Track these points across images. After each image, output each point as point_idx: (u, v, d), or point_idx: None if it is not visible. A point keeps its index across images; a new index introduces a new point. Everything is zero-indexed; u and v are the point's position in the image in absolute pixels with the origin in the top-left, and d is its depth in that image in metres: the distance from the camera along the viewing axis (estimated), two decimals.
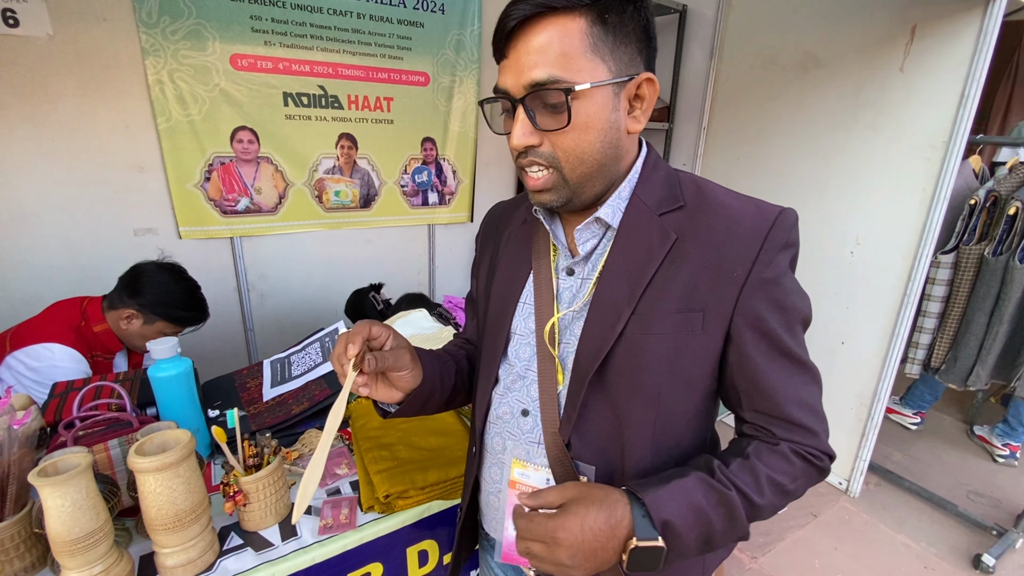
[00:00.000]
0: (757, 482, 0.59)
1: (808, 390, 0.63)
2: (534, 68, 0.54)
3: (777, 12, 2.28)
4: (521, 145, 0.59)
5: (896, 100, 1.94)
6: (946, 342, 1.99)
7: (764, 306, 0.59)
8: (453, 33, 2.47)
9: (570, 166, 0.59)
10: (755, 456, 0.61)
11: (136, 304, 1.44)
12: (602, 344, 0.61)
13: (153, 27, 1.86)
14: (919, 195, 1.91)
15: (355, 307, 2.12)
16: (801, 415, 0.61)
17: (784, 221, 0.60)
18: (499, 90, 0.59)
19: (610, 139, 0.59)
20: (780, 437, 0.62)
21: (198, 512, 0.78)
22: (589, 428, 0.65)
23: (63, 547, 0.68)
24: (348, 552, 0.90)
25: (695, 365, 0.62)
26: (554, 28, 0.54)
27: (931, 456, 2.58)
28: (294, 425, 1.16)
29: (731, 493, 0.57)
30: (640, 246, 0.62)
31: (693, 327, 0.60)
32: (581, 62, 0.54)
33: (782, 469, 0.60)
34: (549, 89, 0.55)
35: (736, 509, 0.57)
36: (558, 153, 0.59)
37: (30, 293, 1.92)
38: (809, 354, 0.64)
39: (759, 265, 0.58)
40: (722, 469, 0.60)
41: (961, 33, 1.75)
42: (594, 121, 0.57)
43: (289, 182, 2.29)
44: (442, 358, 0.81)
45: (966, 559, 1.95)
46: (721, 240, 0.59)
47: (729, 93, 2.56)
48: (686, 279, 0.60)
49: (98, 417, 0.95)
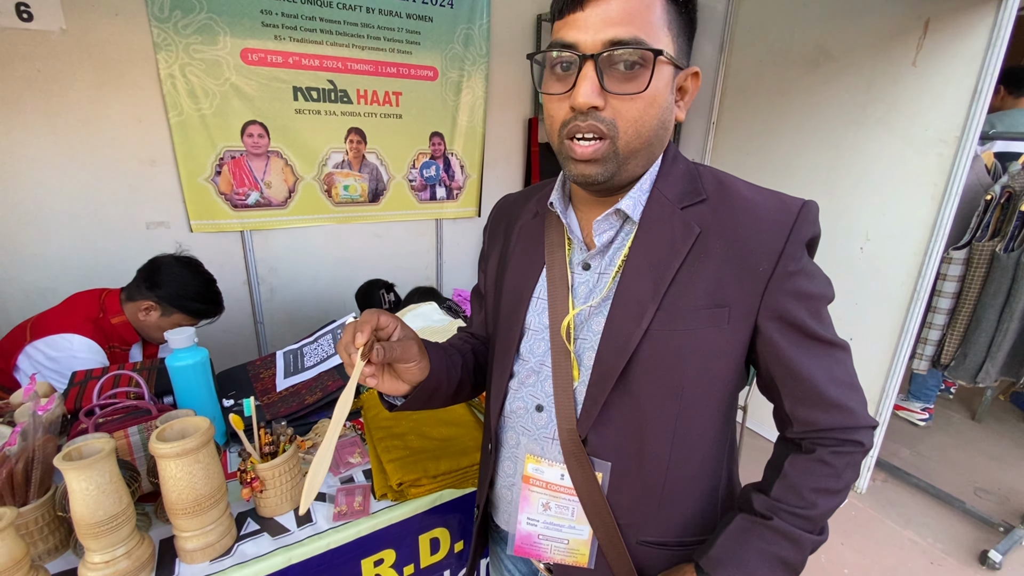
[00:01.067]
0: (802, 497, 0.62)
1: (840, 367, 0.63)
2: (618, 25, 0.52)
3: (788, 6, 2.26)
4: (586, 104, 0.54)
5: (908, 95, 1.92)
6: (956, 339, 1.98)
7: (790, 298, 0.59)
8: (462, 27, 2.47)
9: (627, 138, 0.56)
10: (793, 473, 0.63)
11: (155, 296, 1.46)
12: (627, 341, 0.60)
13: (165, 21, 1.87)
14: (930, 191, 1.90)
15: (365, 296, 2.14)
16: (839, 395, 0.62)
17: (808, 213, 0.60)
18: (564, 44, 0.55)
19: (665, 118, 0.59)
20: (820, 427, 0.62)
21: (216, 497, 0.80)
22: (608, 424, 0.64)
23: (87, 529, 0.70)
24: (362, 538, 0.91)
25: (720, 360, 0.62)
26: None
27: (938, 453, 2.57)
28: (307, 415, 1.17)
29: (775, 522, 0.61)
30: (663, 240, 0.61)
31: (719, 322, 0.60)
32: (660, 33, 0.54)
33: (824, 474, 0.62)
34: (634, 48, 0.52)
35: (789, 532, 0.61)
36: (620, 122, 0.56)
37: (43, 285, 1.95)
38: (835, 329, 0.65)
39: (784, 259, 0.58)
40: (762, 501, 0.64)
41: (975, 27, 1.74)
42: (660, 96, 0.56)
43: (299, 176, 2.30)
44: (448, 352, 0.79)
45: (973, 555, 1.94)
46: (747, 235, 0.59)
47: (739, 87, 2.54)
48: (712, 274, 0.59)
49: (117, 405, 0.97)
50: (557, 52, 0.56)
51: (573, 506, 0.69)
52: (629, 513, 0.67)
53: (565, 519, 0.70)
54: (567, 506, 0.69)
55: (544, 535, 0.71)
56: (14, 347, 1.38)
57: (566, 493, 0.69)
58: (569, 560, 0.71)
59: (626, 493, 0.66)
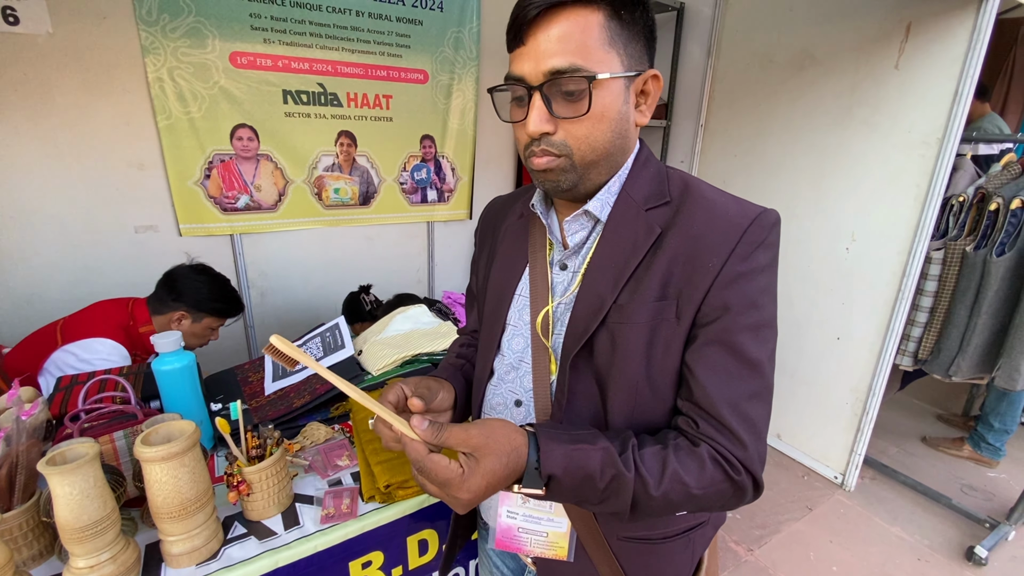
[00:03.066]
0: (662, 473, 0.57)
1: (751, 399, 0.59)
2: (555, 56, 0.56)
3: (774, 10, 2.29)
4: (537, 132, 0.59)
5: (891, 97, 1.95)
6: (933, 335, 2.03)
7: (733, 300, 0.58)
8: (452, 31, 2.48)
9: (581, 154, 0.61)
10: (673, 449, 0.59)
11: (184, 306, 1.56)
12: (584, 332, 0.63)
13: (153, 25, 1.87)
14: (914, 191, 1.93)
15: (350, 308, 2.15)
16: (732, 419, 0.58)
17: (764, 219, 0.60)
18: (513, 77, 0.60)
19: (620, 130, 0.61)
20: (703, 435, 0.59)
21: (203, 501, 0.80)
22: (578, 415, 0.66)
23: (71, 535, 0.70)
24: (350, 541, 0.91)
25: (668, 354, 0.61)
26: (574, 18, 0.56)
27: (925, 450, 2.60)
28: (296, 418, 1.17)
29: (628, 475, 0.56)
30: (626, 239, 0.63)
31: (668, 316, 0.60)
32: (599, 53, 0.57)
33: (692, 470, 0.57)
34: (570, 76, 0.56)
35: (625, 491, 0.56)
36: (571, 141, 0.60)
37: (30, 291, 1.94)
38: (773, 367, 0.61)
39: (734, 258, 0.58)
40: (635, 449, 0.58)
41: (955, 31, 1.77)
42: (608, 111, 0.59)
43: (289, 179, 2.30)
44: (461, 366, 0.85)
45: (959, 551, 1.97)
46: (700, 231, 0.60)
47: (726, 90, 2.57)
48: (664, 267, 0.61)
49: (103, 410, 0.97)
50: (509, 86, 0.61)
51: None
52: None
53: (543, 511, 0.71)
54: None
55: (524, 528, 0.72)
56: (43, 350, 1.41)
57: None
58: (549, 553, 0.72)
59: None
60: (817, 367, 2.35)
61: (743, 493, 0.60)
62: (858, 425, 2.23)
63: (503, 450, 0.55)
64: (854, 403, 2.24)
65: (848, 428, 2.27)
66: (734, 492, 0.59)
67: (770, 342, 0.61)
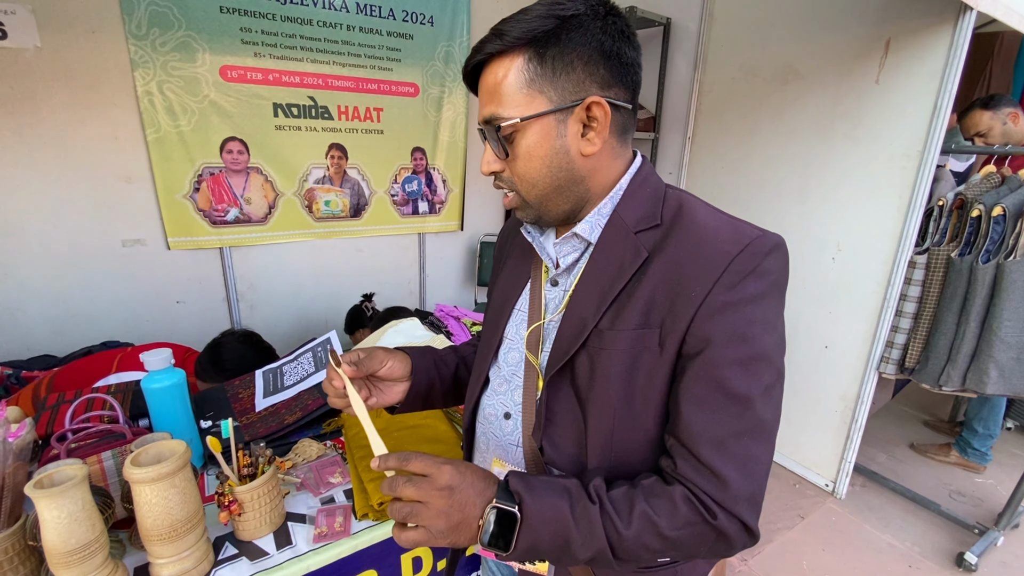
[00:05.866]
0: (629, 513, 0.55)
1: (738, 437, 0.55)
2: (484, 107, 0.62)
3: (758, 25, 2.35)
4: (486, 171, 0.66)
5: (872, 111, 2.00)
6: (919, 342, 2.05)
7: (717, 332, 0.55)
8: (442, 45, 2.50)
9: (524, 189, 0.64)
10: (642, 489, 0.57)
11: (222, 378, 1.47)
12: (565, 354, 0.63)
13: (142, 39, 1.87)
14: (896, 203, 1.97)
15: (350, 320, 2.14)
16: (713, 458, 0.54)
17: (759, 245, 0.57)
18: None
19: (558, 163, 0.62)
20: (680, 475, 0.57)
21: (193, 522, 0.79)
22: (557, 435, 0.66)
23: (59, 559, 0.69)
24: (343, 560, 0.90)
25: (650, 384, 0.60)
26: (497, 69, 0.60)
27: (915, 457, 2.63)
28: (287, 435, 1.16)
29: (594, 508, 0.55)
30: (613, 262, 0.63)
31: (649, 344, 0.59)
32: (517, 98, 0.59)
33: (663, 511, 0.55)
34: (491, 125, 0.61)
35: (595, 526, 0.55)
36: (515, 179, 0.64)
37: (14, 305, 1.91)
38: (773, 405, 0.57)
39: (719, 288, 0.55)
40: (598, 488, 0.57)
41: (933, 47, 1.82)
42: (536, 149, 0.61)
43: (279, 192, 2.29)
44: (440, 353, 0.86)
45: (950, 557, 1.99)
46: (686, 258, 0.58)
47: (713, 103, 2.62)
48: (647, 295, 0.59)
49: (91, 429, 0.95)
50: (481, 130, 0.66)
51: None
52: None
53: None
54: None
55: None
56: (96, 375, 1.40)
57: None
58: (529, 567, 0.72)
59: None
60: (806, 376, 2.38)
61: (726, 537, 0.55)
62: (847, 433, 2.25)
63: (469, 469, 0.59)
64: (843, 411, 2.26)
65: (838, 436, 2.29)
66: (716, 536, 0.55)
67: (763, 376, 0.56)
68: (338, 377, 0.71)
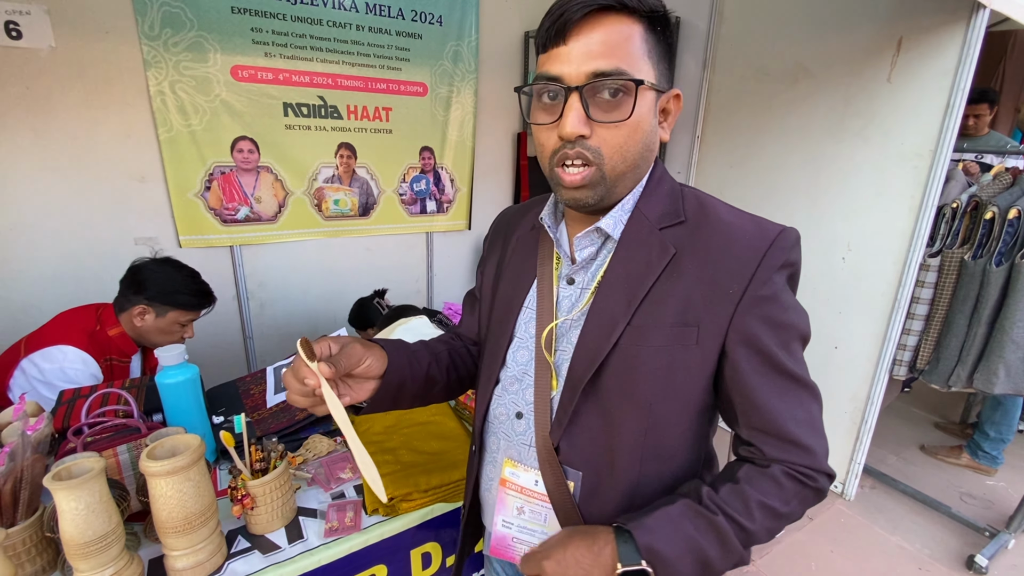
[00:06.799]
0: (747, 507, 0.59)
1: (805, 407, 0.62)
2: (600, 58, 0.55)
3: (767, 24, 2.33)
4: (573, 133, 0.57)
5: (884, 110, 1.99)
6: (930, 344, 2.03)
7: (759, 324, 0.59)
8: (451, 44, 2.51)
9: (612, 163, 0.59)
10: (745, 481, 0.61)
11: (144, 299, 1.45)
12: (596, 353, 0.62)
13: (155, 39, 1.89)
14: (908, 203, 1.95)
15: (359, 314, 2.14)
16: (797, 432, 0.60)
17: (784, 240, 0.60)
18: (549, 76, 0.57)
19: (649, 141, 0.61)
20: (772, 457, 0.61)
21: (207, 515, 0.80)
22: (579, 434, 0.66)
23: (76, 550, 0.70)
24: (353, 554, 0.91)
25: (688, 378, 0.62)
26: (619, 26, 0.55)
27: (925, 459, 2.61)
28: (298, 430, 1.17)
29: (718, 518, 0.58)
30: (639, 259, 0.63)
31: (687, 341, 0.60)
32: (641, 62, 0.57)
33: (772, 492, 0.60)
34: (616, 79, 0.55)
35: (726, 534, 0.58)
36: (604, 149, 0.58)
37: (28, 302, 1.93)
38: (808, 371, 0.64)
39: (755, 283, 0.59)
40: (710, 495, 0.60)
41: (946, 45, 1.81)
42: (644, 121, 0.59)
43: (289, 191, 2.31)
44: (413, 348, 0.78)
45: (960, 560, 1.97)
46: (718, 256, 0.60)
47: (722, 103, 2.60)
48: (682, 293, 0.60)
49: (106, 423, 0.97)
50: (544, 85, 0.58)
51: (546, 512, 0.71)
52: (601, 523, 0.67)
53: (538, 524, 0.72)
54: (540, 512, 0.71)
55: (518, 538, 0.73)
56: (9, 364, 1.37)
57: (540, 499, 0.71)
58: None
59: (598, 504, 0.67)
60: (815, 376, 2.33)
61: (821, 492, 0.63)
62: (857, 434, 2.24)
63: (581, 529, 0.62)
64: (853, 412, 2.25)
65: (847, 437, 2.27)
66: (815, 494, 0.62)
67: (800, 351, 0.64)
68: (313, 375, 0.60)
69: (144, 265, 1.50)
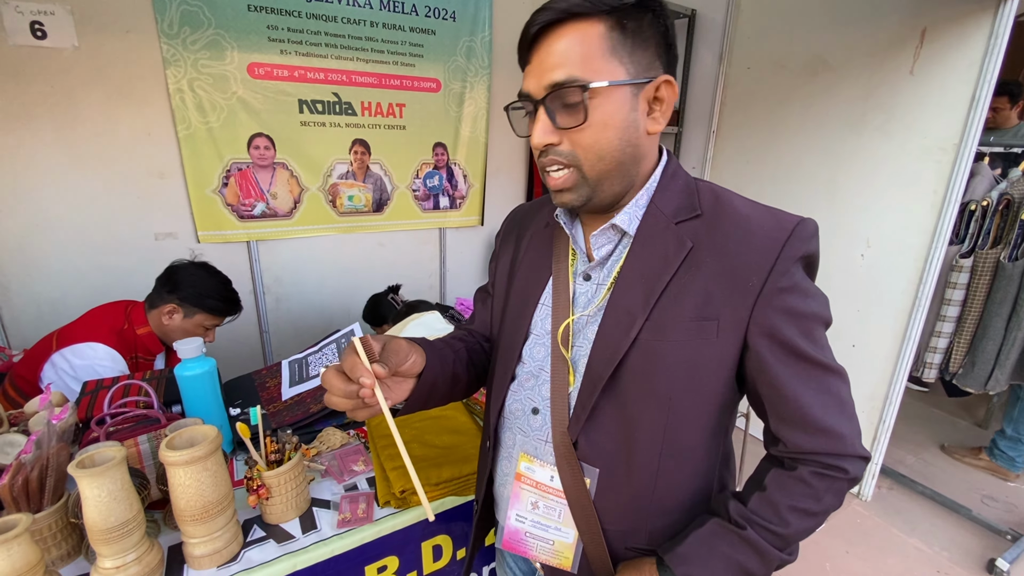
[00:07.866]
0: (778, 514, 0.62)
1: (833, 392, 0.62)
2: (554, 70, 0.58)
3: (786, 16, 2.29)
4: (541, 143, 0.61)
5: (906, 103, 1.94)
6: (963, 347, 1.98)
7: (781, 315, 0.60)
8: (464, 40, 2.51)
9: (589, 163, 0.61)
10: (774, 488, 0.63)
11: (176, 299, 1.52)
12: (616, 349, 0.63)
13: (174, 38, 1.92)
14: (930, 198, 1.91)
15: (373, 310, 2.16)
16: (826, 420, 0.61)
17: (803, 231, 0.60)
18: (523, 94, 0.62)
19: (628, 137, 0.61)
20: (803, 449, 0.62)
21: (224, 504, 0.82)
22: (597, 430, 0.66)
23: (99, 535, 0.72)
24: (365, 545, 0.93)
25: (708, 373, 0.62)
26: (574, 33, 0.57)
27: (944, 460, 2.56)
28: (312, 423, 1.19)
29: (747, 532, 0.61)
30: (656, 254, 0.63)
31: (707, 335, 0.60)
32: (599, 63, 0.57)
33: (802, 494, 0.62)
34: (567, 88, 0.58)
35: (759, 545, 0.61)
36: (577, 151, 0.61)
37: (53, 296, 1.98)
38: (833, 354, 0.64)
39: (775, 275, 0.59)
40: (738, 510, 0.63)
41: (971, 36, 1.76)
42: (612, 119, 0.59)
43: (304, 187, 2.34)
44: (439, 347, 0.77)
45: (980, 564, 1.93)
46: (737, 249, 0.60)
47: (738, 96, 2.57)
48: (701, 287, 0.61)
49: (127, 414, 1.00)
50: (519, 103, 0.65)
51: (561, 508, 0.71)
52: (617, 520, 0.68)
53: (552, 520, 0.72)
54: (555, 507, 0.71)
55: (531, 533, 0.73)
56: (41, 357, 1.43)
57: (555, 495, 0.71)
58: (553, 561, 0.72)
59: (614, 500, 0.67)
60: None
61: (854, 478, 0.63)
62: (875, 434, 2.20)
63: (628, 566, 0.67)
64: (870, 412, 2.21)
65: (865, 437, 2.22)
66: (848, 483, 0.63)
67: (823, 336, 0.64)
68: (371, 375, 0.58)
69: (182, 266, 1.58)
